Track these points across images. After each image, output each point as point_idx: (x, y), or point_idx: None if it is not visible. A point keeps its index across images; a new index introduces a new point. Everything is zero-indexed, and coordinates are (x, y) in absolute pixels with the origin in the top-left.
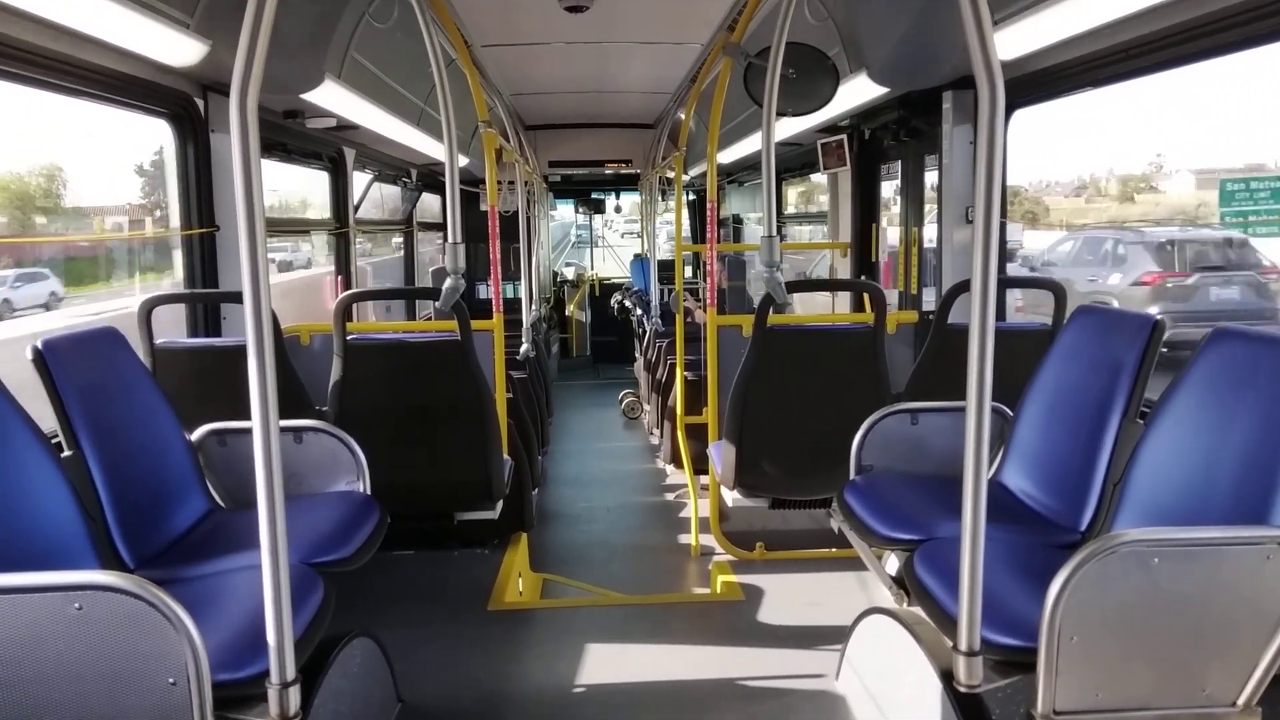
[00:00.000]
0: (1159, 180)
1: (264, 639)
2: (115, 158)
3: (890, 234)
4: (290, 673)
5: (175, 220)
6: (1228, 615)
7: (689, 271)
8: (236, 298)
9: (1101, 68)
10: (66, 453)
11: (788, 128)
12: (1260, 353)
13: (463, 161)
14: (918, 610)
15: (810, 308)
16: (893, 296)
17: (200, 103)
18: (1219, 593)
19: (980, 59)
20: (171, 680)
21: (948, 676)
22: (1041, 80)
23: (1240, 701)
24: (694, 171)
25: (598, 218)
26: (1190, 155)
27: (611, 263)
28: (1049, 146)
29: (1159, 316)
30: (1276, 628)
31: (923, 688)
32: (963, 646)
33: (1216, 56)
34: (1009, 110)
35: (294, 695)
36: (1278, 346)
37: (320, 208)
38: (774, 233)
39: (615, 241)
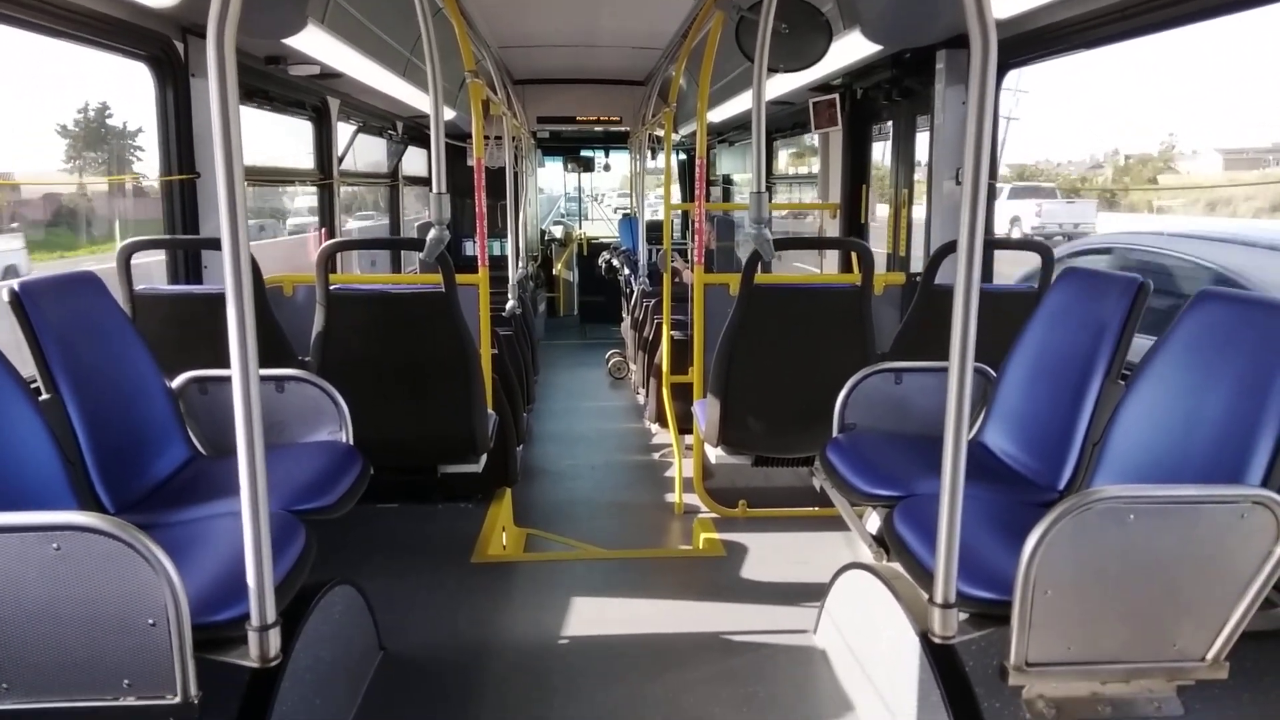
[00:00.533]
0: (1178, 160)
1: (244, 583)
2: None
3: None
4: (270, 616)
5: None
6: (1201, 572)
7: (679, 232)
8: (216, 244)
9: (1097, 27)
10: (44, 396)
11: (779, 85)
12: (1244, 316)
13: (449, 115)
14: (896, 566)
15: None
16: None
17: (180, 46)
18: (1193, 550)
19: (975, 15)
20: (151, 621)
21: (923, 629)
22: (1036, 39)
23: (1209, 656)
24: (684, 130)
25: (588, 195)
26: (1201, 134)
27: (600, 222)
28: (1051, 120)
29: (1144, 279)
30: (1248, 585)
31: (899, 640)
32: (938, 599)
33: (1214, 17)
34: (1003, 70)
35: (274, 638)
36: (1261, 309)
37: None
38: (763, 189)
39: (608, 215)
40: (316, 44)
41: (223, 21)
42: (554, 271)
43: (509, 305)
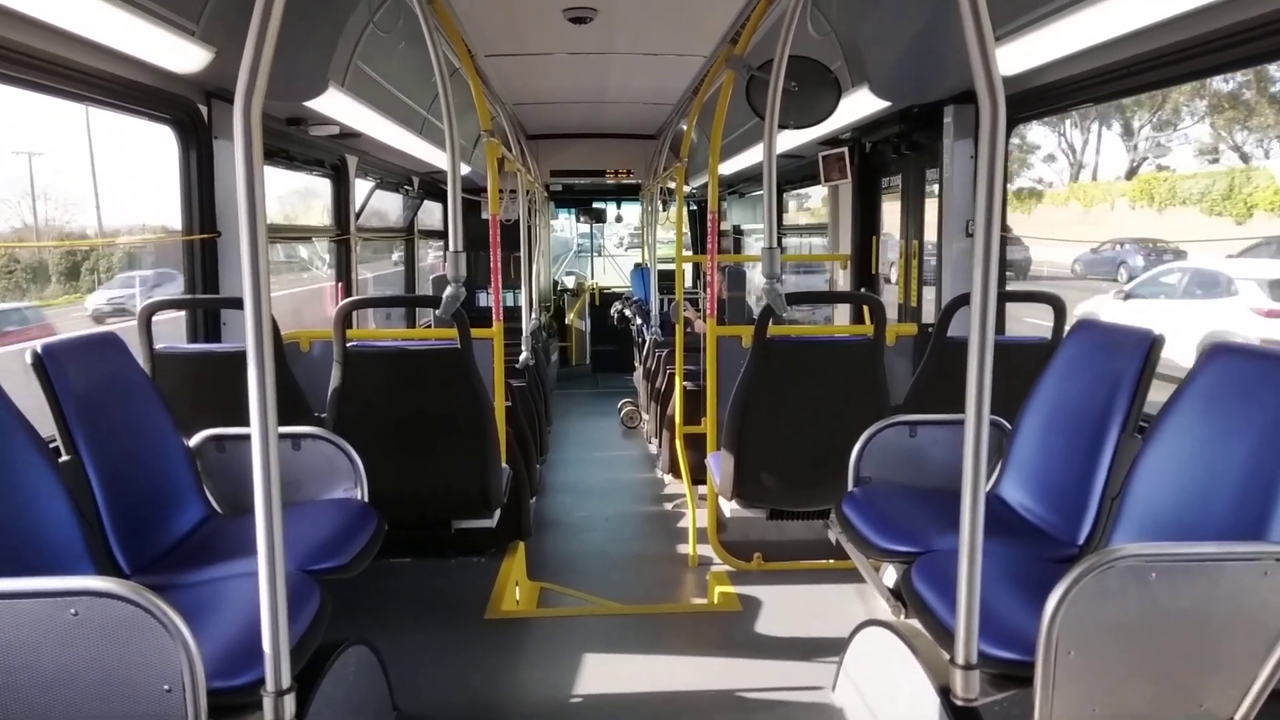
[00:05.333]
0: None
1: (259, 646)
2: None
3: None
4: (285, 681)
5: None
6: (1225, 630)
7: (689, 281)
8: (237, 303)
9: (1102, 84)
10: (64, 458)
11: (789, 140)
12: (1260, 369)
13: (464, 170)
14: (915, 623)
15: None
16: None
17: (204, 109)
18: (1216, 608)
19: (982, 74)
20: (166, 687)
21: (945, 690)
22: (1042, 95)
23: (1238, 717)
24: (695, 182)
25: (604, 235)
26: None
27: (612, 272)
28: None
29: (1157, 333)
30: (1274, 643)
31: (919, 701)
32: (960, 660)
33: (1214, 75)
34: (1009, 125)
35: (289, 703)
36: (1277, 363)
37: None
38: (774, 244)
39: (620, 253)
40: (337, 106)
41: (250, 92)
42: (566, 321)
43: (522, 357)
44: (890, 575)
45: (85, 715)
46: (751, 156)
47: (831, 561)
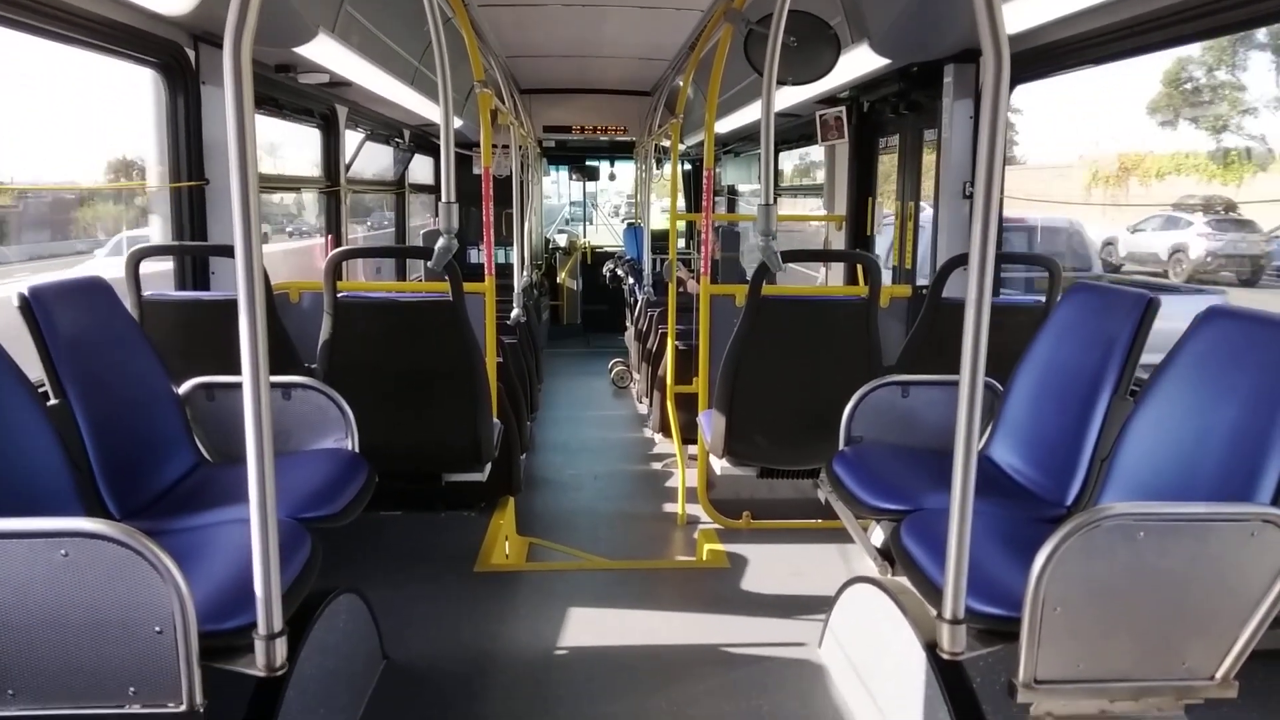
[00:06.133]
0: None
1: (251, 591)
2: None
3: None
4: (277, 624)
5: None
6: (1210, 590)
7: (682, 241)
8: (228, 251)
9: (1107, 43)
10: (53, 401)
11: (787, 98)
12: (1252, 333)
13: (457, 124)
14: (902, 580)
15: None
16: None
17: (191, 53)
18: (1202, 568)
19: (988, 31)
20: (158, 629)
21: (931, 644)
22: (1045, 55)
23: (1219, 675)
24: (690, 140)
25: (597, 200)
26: None
27: (605, 231)
28: None
29: (1152, 295)
30: (1258, 603)
31: (905, 655)
32: (947, 614)
33: (1223, 35)
34: (1011, 85)
35: (280, 647)
36: (1269, 327)
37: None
38: (771, 201)
39: (615, 222)
40: (326, 53)
41: (239, 31)
42: (558, 280)
43: (514, 313)
44: (878, 536)
45: (77, 655)
46: (748, 114)
47: (820, 521)
